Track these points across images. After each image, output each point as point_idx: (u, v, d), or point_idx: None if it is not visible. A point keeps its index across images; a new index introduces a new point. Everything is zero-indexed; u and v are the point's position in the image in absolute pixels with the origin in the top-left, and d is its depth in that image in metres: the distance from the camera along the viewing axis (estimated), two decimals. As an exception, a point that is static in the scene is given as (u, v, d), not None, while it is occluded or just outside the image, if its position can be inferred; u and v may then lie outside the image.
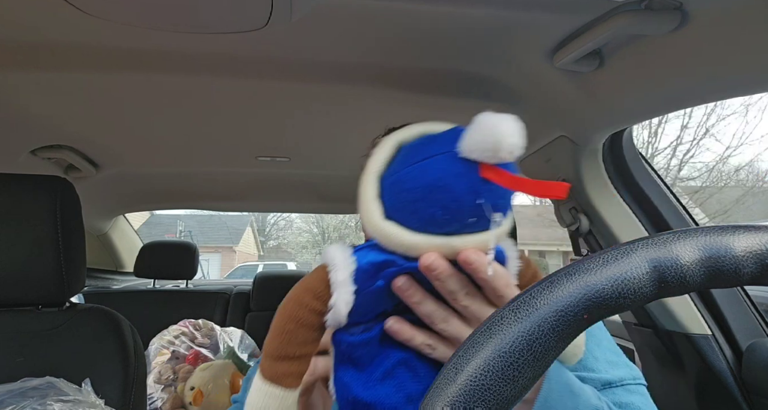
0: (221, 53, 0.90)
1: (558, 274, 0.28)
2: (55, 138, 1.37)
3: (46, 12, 0.75)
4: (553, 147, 1.15)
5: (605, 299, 0.27)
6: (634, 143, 1.12)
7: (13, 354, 0.95)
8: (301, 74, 0.98)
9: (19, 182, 0.96)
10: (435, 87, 1.03)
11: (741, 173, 11.91)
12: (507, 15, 0.74)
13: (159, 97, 1.10)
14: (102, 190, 1.87)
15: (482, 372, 0.26)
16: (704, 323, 1.08)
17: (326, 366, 0.46)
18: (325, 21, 0.77)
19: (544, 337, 0.26)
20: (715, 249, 0.27)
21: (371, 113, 1.21)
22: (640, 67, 0.77)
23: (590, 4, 0.68)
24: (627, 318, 1.29)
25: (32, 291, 0.96)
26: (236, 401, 0.70)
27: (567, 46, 0.78)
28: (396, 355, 0.40)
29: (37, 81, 1.00)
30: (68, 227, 0.96)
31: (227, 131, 1.36)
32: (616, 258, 0.28)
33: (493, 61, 0.91)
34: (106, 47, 0.87)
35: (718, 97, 0.78)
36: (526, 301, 0.28)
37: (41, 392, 0.84)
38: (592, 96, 0.90)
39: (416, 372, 0.40)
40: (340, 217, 19.81)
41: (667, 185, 1.15)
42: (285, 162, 1.69)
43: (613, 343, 0.68)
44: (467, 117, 0.67)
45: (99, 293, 2.25)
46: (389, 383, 0.40)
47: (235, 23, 0.73)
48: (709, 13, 0.63)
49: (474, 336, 0.28)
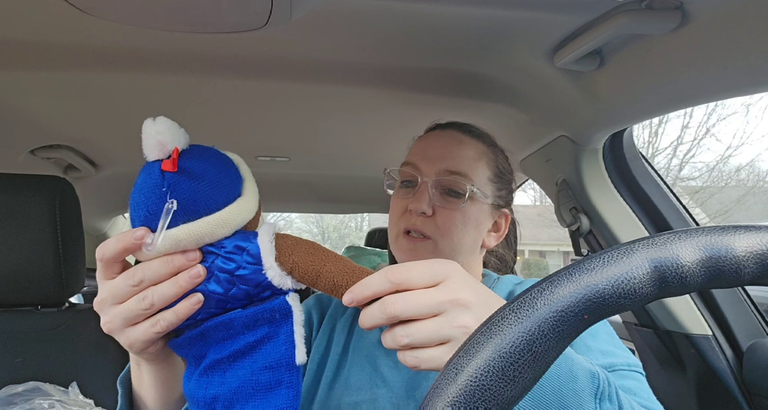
0: (221, 53, 0.90)
1: (558, 274, 0.28)
2: (55, 138, 1.37)
3: (46, 12, 0.75)
4: (553, 147, 1.14)
5: (606, 299, 0.27)
6: (635, 143, 1.12)
7: (13, 354, 0.95)
8: (301, 74, 0.98)
9: (19, 182, 0.96)
10: (435, 87, 1.03)
11: (742, 173, 11.92)
12: (507, 15, 0.74)
13: (159, 97, 1.09)
14: (102, 190, 1.87)
15: (483, 372, 0.26)
16: (705, 323, 1.08)
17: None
18: (324, 21, 0.77)
19: (545, 337, 0.26)
20: (715, 249, 0.27)
21: (371, 112, 1.21)
22: (641, 67, 0.77)
23: (590, 3, 0.68)
24: (627, 318, 1.29)
25: (31, 291, 0.96)
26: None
27: (567, 46, 0.78)
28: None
29: (37, 81, 1.00)
30: (68, 227, 0.96)
31: (227, 130, 1.36)
32: (616, 258, 0.28)
33: (493, 61, 0.91)
34: (106, 47, 0.87)
35: (718, 97, 0.78)
36: (527, 301, 0.27)
37: (26, 397, 0.84)
38: (593, 96, 0.90)
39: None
40: (340, 217, 19.81)
41: (668, 185, 1.15)
42: (285, 162, 1.69)
43: (613, 335, 0.68)
44: (467, 117, 0.68)
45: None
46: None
47: (235, 23, 0.73)
48: (710, 13, 0.63)
49: (474, 336, 0.28)
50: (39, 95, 1.07)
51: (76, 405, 0.86)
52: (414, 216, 0.70)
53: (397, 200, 0.75)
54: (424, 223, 0.70)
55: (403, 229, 0.72)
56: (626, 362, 0.62)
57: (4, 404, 0.83)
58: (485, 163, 0.74)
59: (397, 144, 0.87)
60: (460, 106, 1.11)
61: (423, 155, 0.74)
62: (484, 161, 0.74)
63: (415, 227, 0.70)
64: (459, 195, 0.70)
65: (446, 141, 0.74)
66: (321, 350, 0.75)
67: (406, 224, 0.71)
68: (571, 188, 1.15)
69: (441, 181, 0.71)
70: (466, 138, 0.75)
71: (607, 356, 0.62)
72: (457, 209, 0.70)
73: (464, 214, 0.70)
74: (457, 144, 0.73)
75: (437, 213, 0.70)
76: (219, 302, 0.44)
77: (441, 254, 0.70)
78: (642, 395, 0.59)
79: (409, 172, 0.74)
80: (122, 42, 0.85)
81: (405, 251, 0.72)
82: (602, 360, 0.62)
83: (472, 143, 0.74)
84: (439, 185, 0.71)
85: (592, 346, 0.64)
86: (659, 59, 0.74)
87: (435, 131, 0.78)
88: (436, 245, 0.70)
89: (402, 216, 0.72)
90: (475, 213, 0.72)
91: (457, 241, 0.70)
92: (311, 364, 0.74)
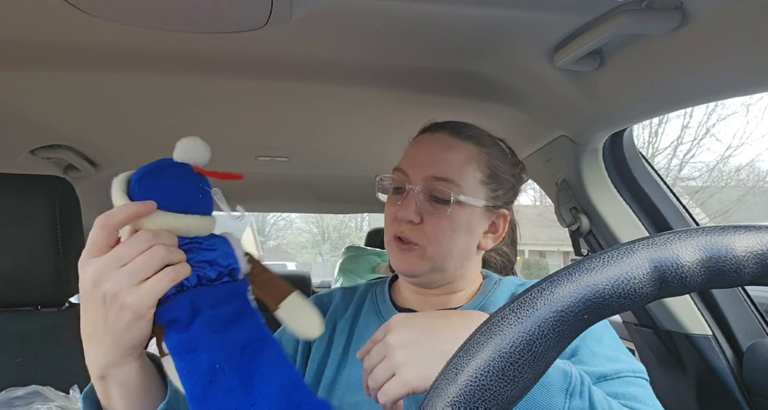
0: (221, 53, 0.90)
1: (558, 274, 0.28)
2: (55, 138, 1.37)
3: (46, 12, 0.75)
4: (553, 147, 1.14)
5: (606, 299, 0.27)
6: (635, 143, 1.12)
7: (13, 354, 0.95)
8: (301, 74, 0.98)
9: (19, 182, 0.96)
10: (435, 87, 1.03)
11: (742, 173, 11.93)
12: (507, 15, 0.74)
13: (159, 97, 1.09)
14: (102, 190, 1.86)
15: (483, 372, 0.26)
16: (705, 323, 1.08)
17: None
18: (324, 21, 0.77)
19: (545, 337, 0.26)
20: (715, 249, 0.27)
21: (371, 112, 1.21)
22: (641, 67, 0.77)
23: (590, 3, 0.68)
24: (627, 318, 1.29)
25: (31, 292, 0.96)
26: None
27: (567, 45, 0.78)
28: None
29: (37, 81, 1.00)
30: (67, 227, 0.96)
31: (227, 130, 1.36)
32: (616, 258, 0.28)
33: (493, 61, 0.91)
34: (106, 47, 0.87)
35: (718, 97, 0.78)
36: (527, 301, 0.27)
37: (26, 400, 0.84)
38: (593, 96, 0.90)
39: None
40: (340, 217, 19.82)
41: (668, 185, 1.15)
42: (285, 162, 1.69)
43: (617, 341, 0.68)
44: (467, 117, 0.68)
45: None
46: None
47: (235, 23, 0.73)
48: (710, 13, 0.63)
49: (475, 336, 0.28)
50: (39, 95, 1.07)
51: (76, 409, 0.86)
52: (403, 224, 0.71)
53: (389, 205, 0.75)
54: (412, 230, 0.70)
55: (393, 235, 0.72)
56: (631, 368, 0.62)
57: (4, 406, 0.83)
58: (475, 166, 0.72)
59: (397, 144, 0.87)
60: (460, 106, 1.11)
61: (412, 161, 0.74)
62: (474, 164, 0.72)
63: (404, 234, 0.70)
64: (445, 202, 0.69)
65: (434, 146, 0.73)
66: (321, 350, 0.75)
67: (395, 231, 0.71)
68: (571, 188, 1.15)
69: (426, 188, 0.70)
70: (455, 142, 0.73)
71: (613, 362, 0.62)
72: (444, 216, 0.69)
73: (452, 220, 0.69)
74: (445, 149, 0.72)
75: (425, 221, 0.70)
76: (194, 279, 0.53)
77: (430, 261, 0.70)
78: (646, 402, 0.59)
79: (399, 178, 0.74)
80: (122, 42, 0.85)
81: (396, 257, 0.72)
82: (608, 366, 0.62)
83: (462, 147, 0.73)
84: (425, 192, 0.70)
85: (597, 352, 0.63)
86: (659, 59, 0.74)
87: (425, 135, 0.77)
88: (425, 252, 0.70)
89: (392, 223, 0.73)
90: (465, 218, 0.71)
91: (447, 247, 0.70)
92: (312, 364, 0.74)
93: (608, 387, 0.59)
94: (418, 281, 0.74)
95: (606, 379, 0.60)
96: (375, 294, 0.81)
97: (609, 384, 0.60)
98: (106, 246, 0.49)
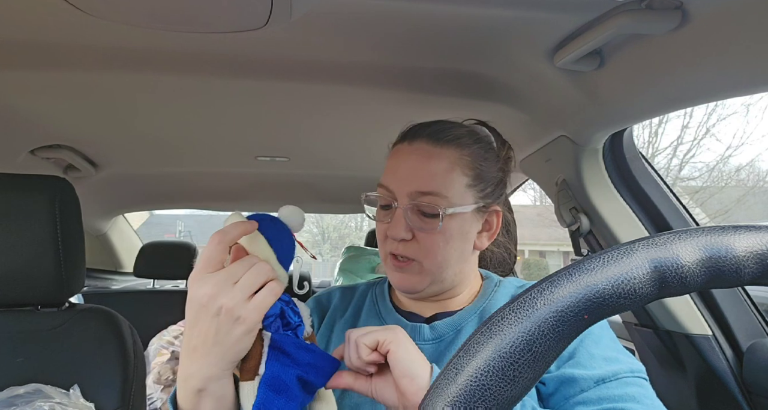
0: (221, 53, 0.90)
1: (558, 274, 0.28)
2: (55, 138, 1.37)
3: (46, 12, 0.75)
4: (553, 147, 1.14)
5: (606, 299, 0.27)
6: (635, 143, 1.12)
7: (13, 354, 0.95)
8: (301, 74, 0.98)
9: (19, 182, 0.96)
10: (435, 87, 1.03)
11: (742, 173, 11.91)
12: (507, 15, 0.74)
13: (159, 97, 1.09)
14: (101, 190, 1.87)
15: (483, 372, 0.26)
16: (705, 323, 1.08)
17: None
18: (324, 21, 0.77)
19: (545, 337, 0.26)
20: (715, 249, 0.27)
21: (371, 112, 1.21)
22: (641, 67, 0.77)
23: (590, 3, 0.68)
24: (627, 318, 1.29)
25: (31, 291, 0.96)
26: None
27: (567, 45, 0.78)
28: None
29: (37, 81, 1.00)
30: (67, 227, 0.96)
31: (227, 130, 1.36)
32: (616, 258, 0.28)
33: (493, 61, 0.91)
34: (105, 47, 0.87)
35: (718, 97, 0.78)
36: (527, 301, 0.27)
37: (27, 399, 0.84)
38: (593, 96, 0.90)
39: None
40: (340, 217, 19.81)
41: (668, 185, 1.15)
42: (284, 162, 1.69)
43: (616, 342, 0.67)
44: (466, 117, 0.67)
45: (98, 293, 2.25)
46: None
47: (235, 23, 0.73)
48: (710, 13, 0.63)
49: (474, 335, 0.28)
50: (39, 95, 1.07)
51: (77, 407, 0.86)
52: (395, 242, 0.70)
53: (378, 223, 0.74)
54: (406, 247, 0.69)
55: (388, 252, 0.71)
56: (630, 368, 0.62)
57: (5, 405, 0.83)
58: (459, 171, 0.70)
59: (397, 144, 0.87)
60: (460, 106, 1.11)
61: (394, 176, 0.72)
62: (458, 170, 0.70)
63: (398, 251, 0.69)
64: (434, 216, 0.68)
65: (415, 158, 0.71)
66: (321, 351, 0.75)
67: (389, 249, 0.71)
68: (571, 188, 1.15)
69: (414, 205, 0.69)
70: (434, 150, 0.70)
71: (611, 363, 0.62)
72: (435, 230, 0.68)
73: (445, 232, 0.68)
74: (426, 160, 0.70)
75: (417, 237, 0.69)
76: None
77: (429, 274, 0.70)
78: (645, 401, 0.59)
79: (384, 195, 0.72)
80: (122, 42, 0.85)
81: (393, 273, 0.72)
82: (606, 367, 0.61)
83: (443, 154, 0.70)
84: (412, 208, 0.69)
85: (595, 354, 0.63)
86: (659, 59, 0.74)
87: (404, 145, 0.74)
88: (422, 266, 0.69)
89: (385, 241, 0.72)
90: (457, 227, 0.70)
91: (443, 258, 0.69)
92: None
93: (606, 390, 0.59)
94: (418, 296, 0.74)
95: (604, 382, 0.60)
96: (375, 295, 0.81)
97: (607, 387, 0.60)
98: (220, 262, 0.53)
